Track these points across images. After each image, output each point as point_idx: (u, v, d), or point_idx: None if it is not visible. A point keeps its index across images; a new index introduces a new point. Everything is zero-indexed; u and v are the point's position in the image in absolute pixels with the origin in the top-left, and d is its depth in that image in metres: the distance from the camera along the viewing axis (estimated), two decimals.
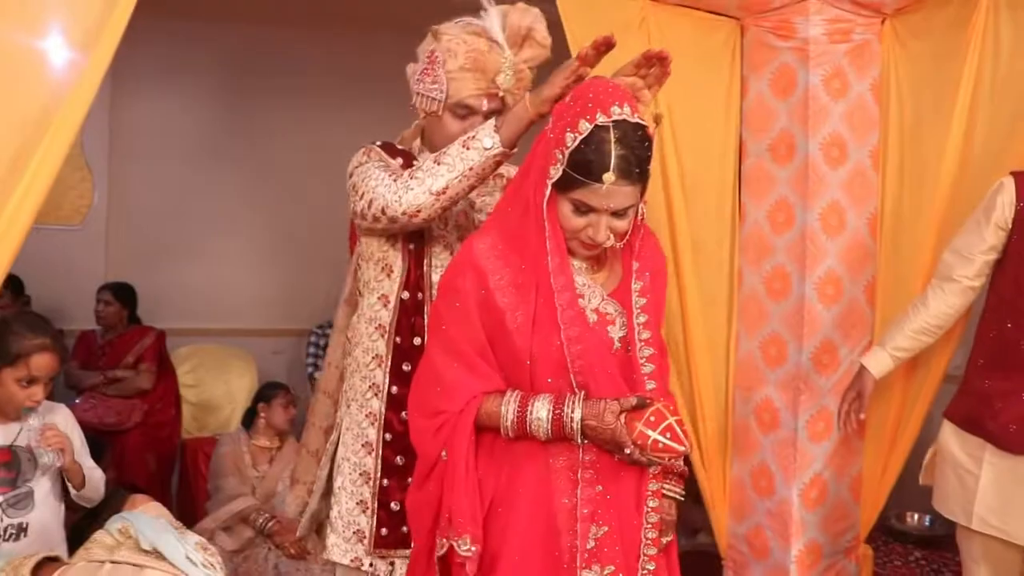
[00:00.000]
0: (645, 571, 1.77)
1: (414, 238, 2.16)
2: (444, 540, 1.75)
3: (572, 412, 1.68)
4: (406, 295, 2.14)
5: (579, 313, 1.73)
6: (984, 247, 2.44)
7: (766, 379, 3.13)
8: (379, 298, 2.17)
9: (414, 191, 1.96)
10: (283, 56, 5.51)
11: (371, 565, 2.15)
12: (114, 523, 1.98)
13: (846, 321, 3.06)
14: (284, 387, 4.17)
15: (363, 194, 2.05)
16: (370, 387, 2.16)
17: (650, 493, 1.76)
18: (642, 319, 1.79)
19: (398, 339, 2.13)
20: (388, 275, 2.16)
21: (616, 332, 1.78)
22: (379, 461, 2.14)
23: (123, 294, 4.85)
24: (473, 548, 1.72)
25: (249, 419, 4.17)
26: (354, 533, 2.17)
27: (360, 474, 2.16)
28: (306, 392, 5.64)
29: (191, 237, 5.62)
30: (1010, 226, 2.40)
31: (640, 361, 1.77)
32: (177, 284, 5.55)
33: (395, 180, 2.00)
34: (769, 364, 3.12)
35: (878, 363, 2.64)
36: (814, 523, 3.12)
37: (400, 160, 2.15)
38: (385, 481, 2.13)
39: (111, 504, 2.47)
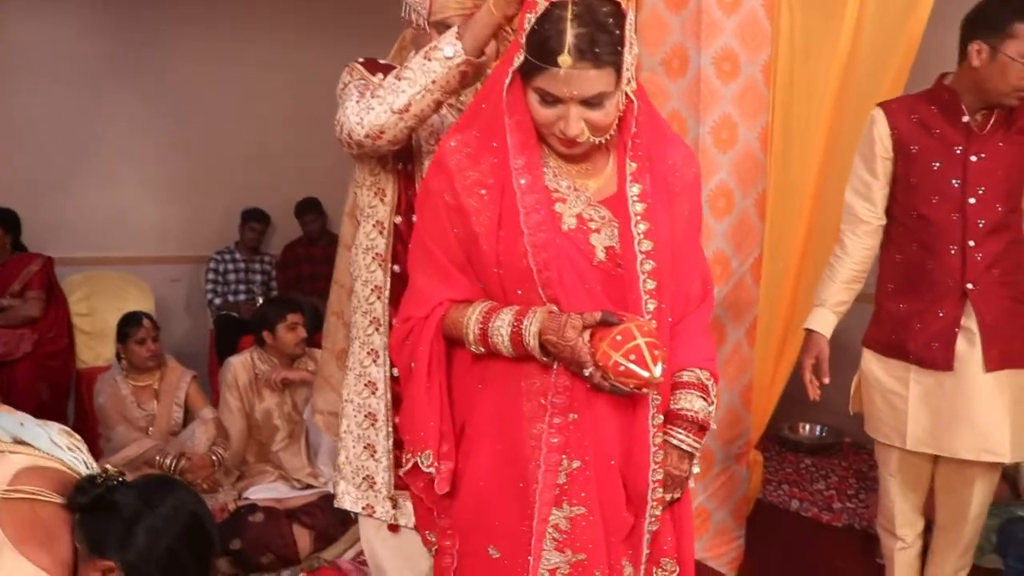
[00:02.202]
0: (651, 521, 1.62)
1: (403, 156, 2.03)
2: (408, 455, 1.66)
3: (531, 325, 1.50)
4: (399, 219, 2.04)
5: (548, 217, 1.52)
6: (879, 183, 2.49)
7: None
8: (374, 225, 2.06)
9: (375, 111, 1.83)
10: None
11: (392, 507, 2.06)
12: None
13: (737, 233, 3.11)
14: (141, 319, 3.86)
15: (336, 119, 1.91)
16: (371, 322, 2.07)
17: (654, 430, 1.58)
18: (642, 228, 1.54)
19: (395, 268, 2.04)
20: (381, 200, 2.06)
21: (601, 241, 1.56)
22: (389, 397, 2.05)
23: (5, 220, 4.64)
24: (441, 465, 1.62)
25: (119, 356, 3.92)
26: (364, 479, 2.09)
27: (365, 416, 2.08)
28: (207, 319, 5.56)
29: (83, 162, 5.42)
30: (892, 154, 2.46)
31: (639, 276, 1.54)
32: (68, 211, 5.36)
33: (358, 102, 1.86)
34: None
35: (824, 322, 2.61)
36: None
37: (381, 76, 1.95)
38: (397, 419, 2.01)
39: None
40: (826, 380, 2.56)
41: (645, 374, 1.44)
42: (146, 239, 5.66)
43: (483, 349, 1.56)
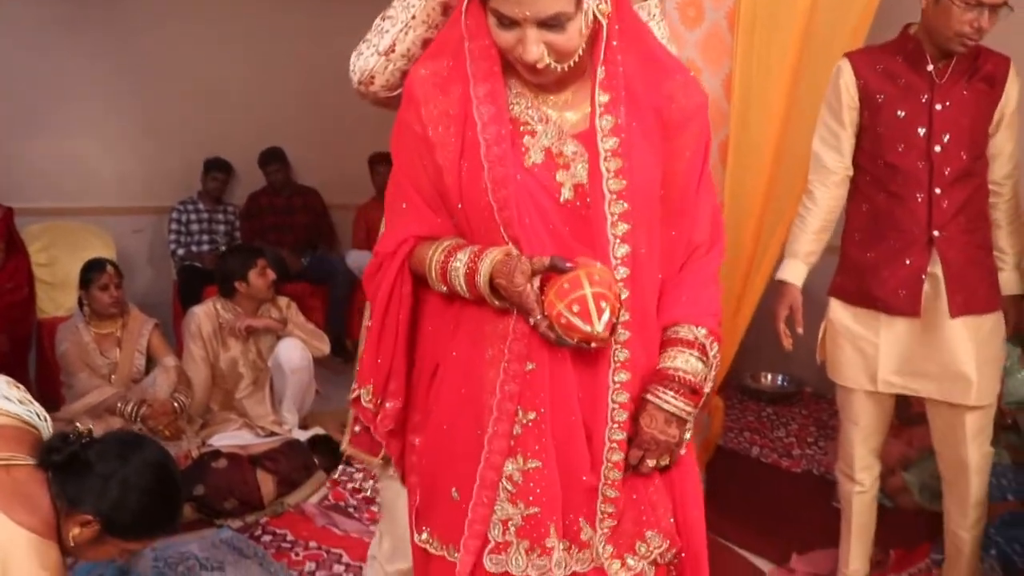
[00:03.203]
0: (606, 483, 1.49)
1: None
2: (355, 386, 1.62)
3: (483, 266, 1.40)
4: None
5: (508, 152, 1.41)
6: (847, 133, 2.50)
7: None
8: None
9: (363, 56, 1.77)
10: None
11: None
12: None
13: None
14: (104, 265, 3.80)
15: None
16: None
17: (616, 387, 1.47)
18: (613, 165, 1.41)
19: None
20: None
21: (569, 178, 1.44)
22: None
23: None
24: (386, 403, 1.58)
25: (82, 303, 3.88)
26: None
27: None
28: (170, 270, 5.51)
29: (42, 112, 5.29)
30: (858, 104, 2.47)
31: (607, 218, 1.42)
32: (28, 161, 5.24)
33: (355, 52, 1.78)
34: None
35: (796, 273, 2.61)
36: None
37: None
38: None
39: None
40: (800, 330, 2.59)
41: (586, 328, 1.33)
42: (107, 189, 5.57)
43: (445, 288, 1.47)
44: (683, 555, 1.55)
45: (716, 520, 1.68)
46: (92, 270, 3.77)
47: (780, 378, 4.87)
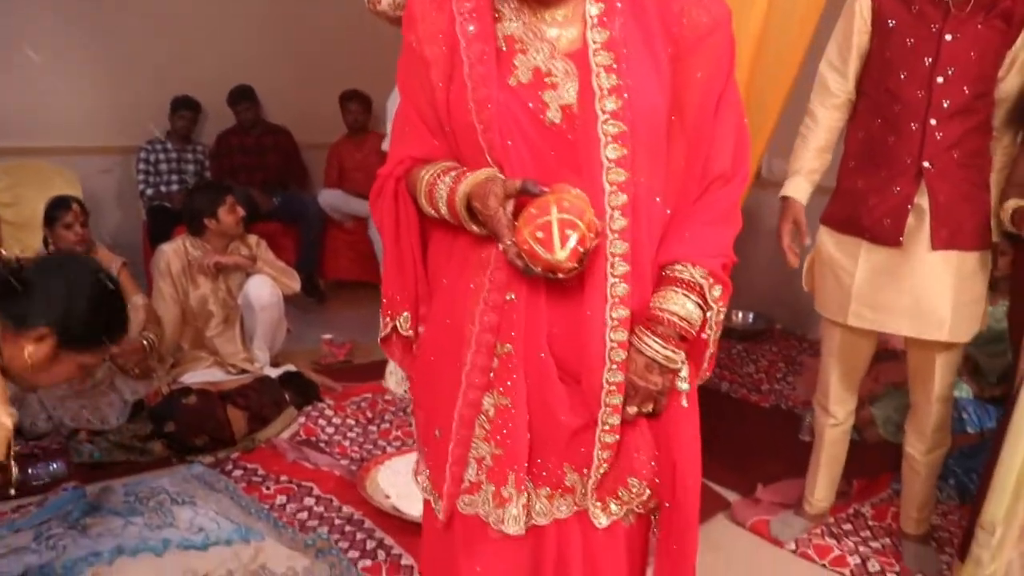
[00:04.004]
0: (603, 428, 1.40)
1: None
2: (385, 319, 1.55)
3: (462, 189, 1.34)
4: None
5: (493, 71, 1.33)
6: (853, 56, 2.48)
7: None
8: None
9: None
10: None
11: None
12: None
13: None
14: (69, 202, 3.73)
15: None
16: None
17: (614, 324, 1.35)
18: (607, 83, 1.31)
19: None
20: None
21: (556, 99, 1.35)
22: None
23: None
24: (421, 328, 1.52)
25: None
26: None
27: None
28: (139, 211, 5.45)
29: (2, 47, 5.15)
30: (870, 28, 2.44)
31: (600, 140, 1.31)
32: None
33: None
34: None
35: (799, 189, 2.60)
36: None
37: None
38: None
39: None
40: (807, 242, 2.58)
41: (547, 256, 1.25)
42: (73, 129, 5.45)
43: (433, 212, 1.41)
44: (667, 505, 1.45)
45: None
46: (56, 208, 3.71)
47: (751, 316, 4.91)
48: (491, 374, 1.40)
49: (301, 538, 2.74)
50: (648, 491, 1.44)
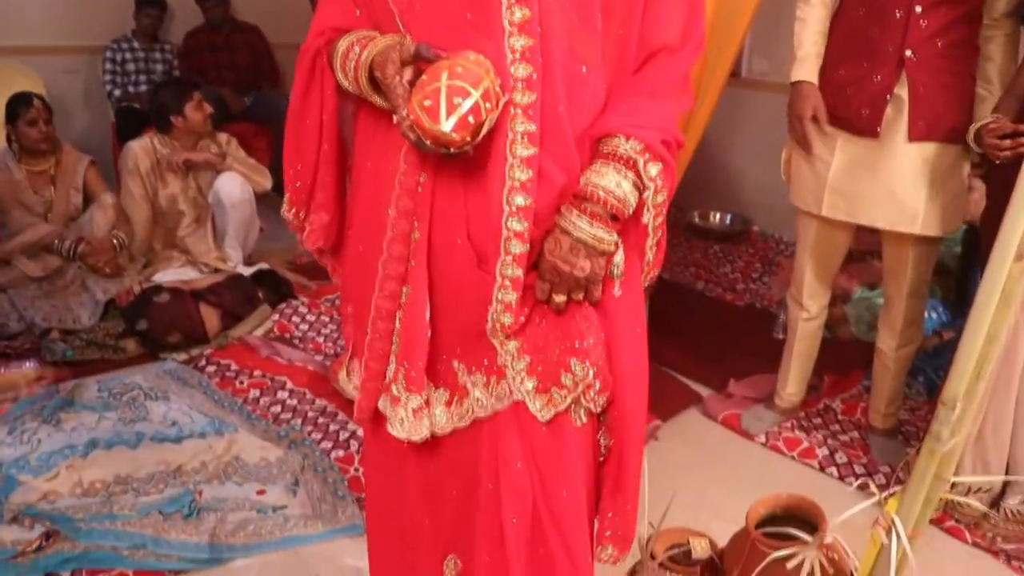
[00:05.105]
0: (494, 326, 1.28)
1: None
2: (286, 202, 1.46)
3: (363, 54, 1.23)
4: None
5: None
6: None
7: None
8: None
9: None
10: None
11: None
12: None
13: None
14: (31, 98, 3.62)
15: None
16: None
17: (512, 211, 1.21)
18: None
19: None
20: None
21: None
22: None
23: None
24: (312, 216, 1.42)
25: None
26: None
27: None
28: (108, 113, 5.33)
29: None
30: None
31: (503, 1, 1.17)
32: None
33: None
34: None
35: (810, 70, 2.51)
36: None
37: None
38: None
39: None
40: (826, 128, 2.47)
41: (430, 126, 1.13)
42: (34, 28, 5.27)
43: (348, 86, 1.29)
44: (615, 415, 1.34)
45: (657, 348, 1.55)
46: (18, 104, 3.61)
47: (728, 217, 4.90)
48: (411, 263, 1.29)
49: (274, 430, 2.76)
50: (592, 371, 1.29)
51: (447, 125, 1.12)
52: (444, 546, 1.45)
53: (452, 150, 1.16)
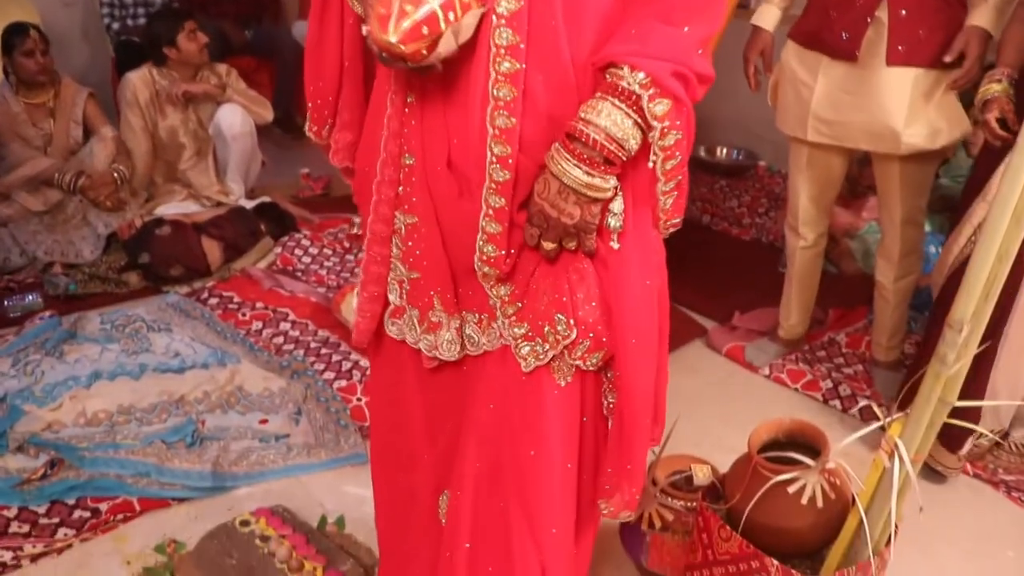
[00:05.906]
0: (481, 258, 1.21)
1: None
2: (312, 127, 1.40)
3: None
4: None
5: None
6: None
7: None
8: None
9: None
10: None
11: None
12: None
13: None
14: (27, 28, 3.56)
15: None
16: None
17: (495, 134, 1.12)
18: None
19: None
20: None
21: None
22: None
23: None
24: (336, 134, 1.37)
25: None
26: None
27: None
28: (107, 47, 5.25)
29: None
30: None
31: None
32: None
33: None
34: None
35: (768, 18, 2.60)
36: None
37: None
38: None
39: None
40: (769, 76, 2.62)
41: (379, 35, 1.04)
42: None
43: None
44: (616, 374, 1.24)
45: None
46: (14, 35, 3.54)
47: (735, 152, 4.83)
48: (402, 188, 1.24)
49: (277, 361, 2.76)
50: (575, 332, 1.20)
51: (394, 35, 1.03)
52: (440, 480, 1.45)
53: (409, 64, 1.07)
